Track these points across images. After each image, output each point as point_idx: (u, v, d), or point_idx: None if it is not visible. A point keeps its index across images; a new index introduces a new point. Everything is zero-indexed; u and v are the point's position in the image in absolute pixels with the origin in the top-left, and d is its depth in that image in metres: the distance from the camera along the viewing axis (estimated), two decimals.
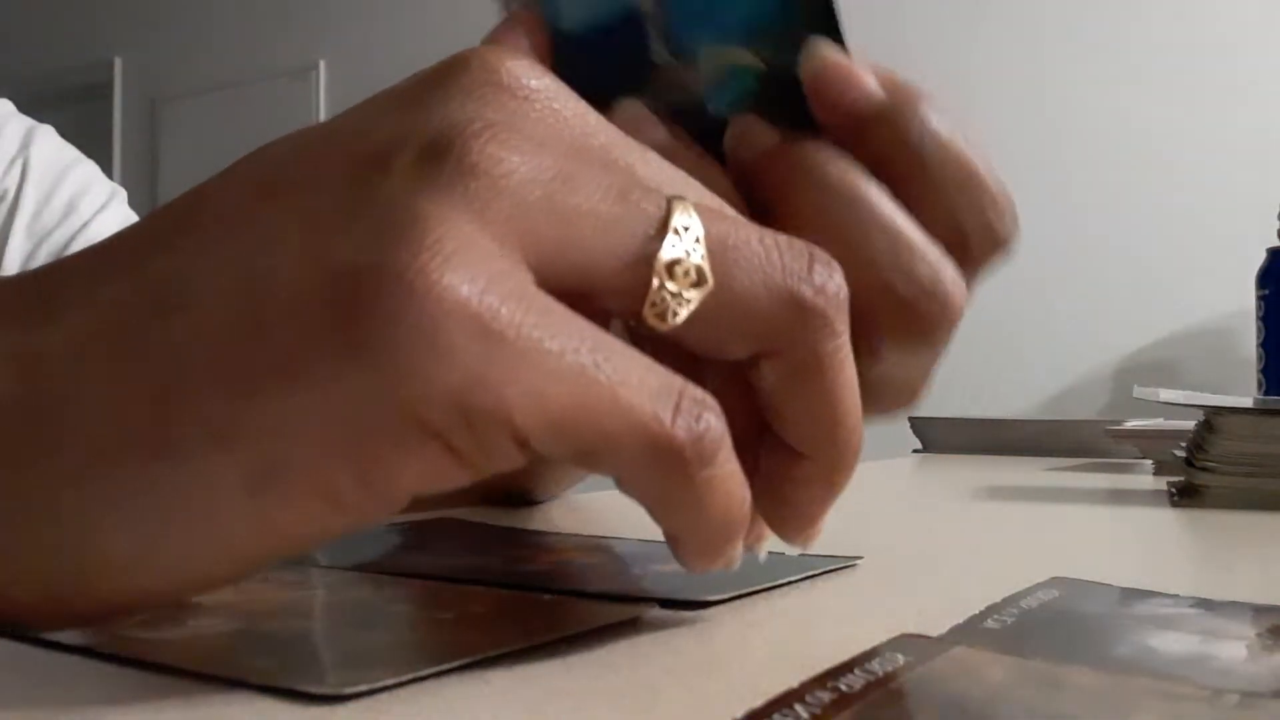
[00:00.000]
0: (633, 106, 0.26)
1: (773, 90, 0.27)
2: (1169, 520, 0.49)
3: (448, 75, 0.20)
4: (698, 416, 0.19)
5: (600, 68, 0.26)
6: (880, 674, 0.20)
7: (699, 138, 0.27)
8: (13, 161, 0.61)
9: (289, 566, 0.30)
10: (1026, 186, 2.35)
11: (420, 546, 0.37)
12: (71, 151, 0.65)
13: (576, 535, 0.37)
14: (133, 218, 0.63)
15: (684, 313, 0.19)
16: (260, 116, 3.54)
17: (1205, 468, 0.53)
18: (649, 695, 0.20)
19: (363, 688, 0.19)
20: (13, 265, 0.59)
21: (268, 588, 0.28)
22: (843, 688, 0.19)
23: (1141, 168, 2.21)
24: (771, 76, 0.27)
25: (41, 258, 0.59)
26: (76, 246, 0.59)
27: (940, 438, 0.99)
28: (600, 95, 0.25)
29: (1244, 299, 1.48)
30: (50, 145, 0.63)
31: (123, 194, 0.64)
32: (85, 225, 0.60)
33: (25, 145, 0.62)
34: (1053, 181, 2.28)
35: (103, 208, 0.62)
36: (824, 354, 0.21)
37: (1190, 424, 0.58)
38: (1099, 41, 2.27)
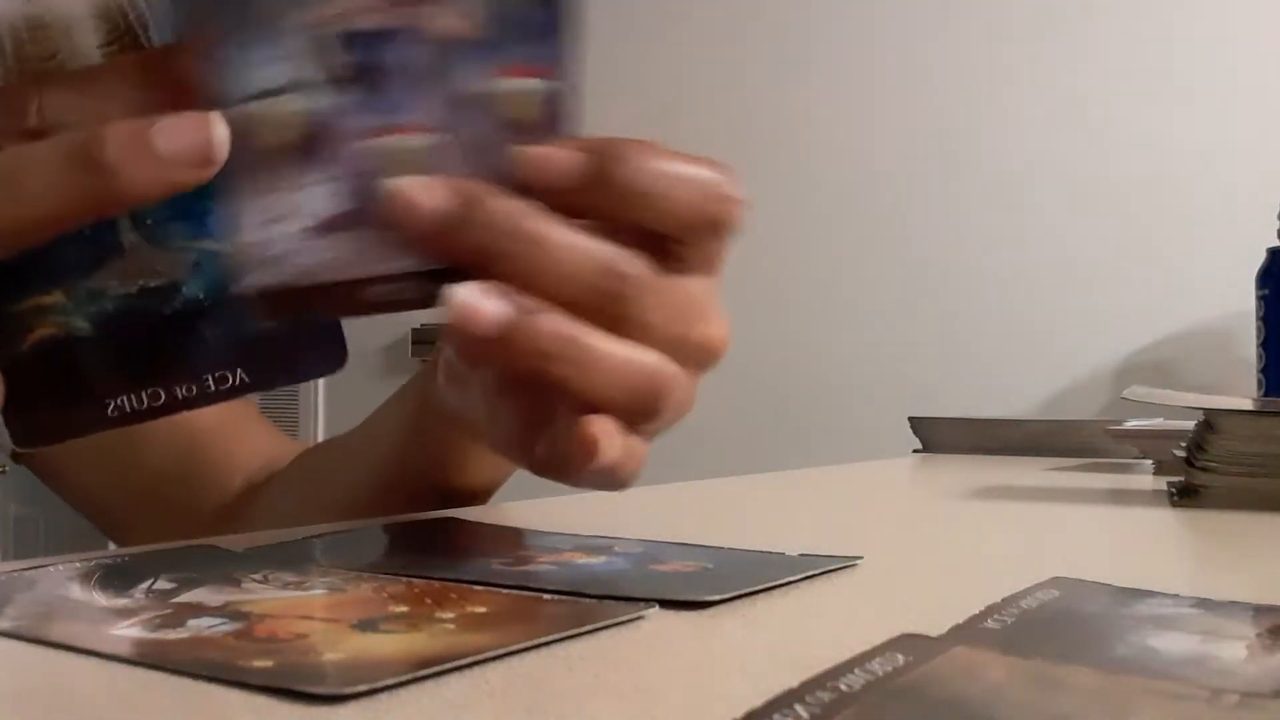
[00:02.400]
0: None
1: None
2: (1169, 520, 0.49)
3: None
4: None
5: (59, 244, 0.28)
6: (880, 674, 0.20)
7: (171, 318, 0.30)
8: None
9: (289, 567, 0.30)
10: (1026, 186, 2.33)
11: (421, 547, 0.37)
12: None
13: (577, 535, 0.37)
14: None
15: None
16: None
17: (1205, 468, 0.53)
18: (649, 695, 0.20)
19: (362, 688, 0.19)
20: None
21: (268, 588, 0.28)
22: (843, 688, 0.19)
23: (1141, 167, 2.21)
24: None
25: None
26: None
27: (940, 438, 0.99)
28: (64, 272, 0.29)
29: (1244, 299, 1.48)
30: None
31: None
32: None
33: None
34: (1052, 181, 2.28)
35: None
36: None
37: (1190, 424, 0.58)
38: (1099, 42, 2.27)
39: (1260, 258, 1.40)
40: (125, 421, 0.30)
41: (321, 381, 3.41)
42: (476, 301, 0.28)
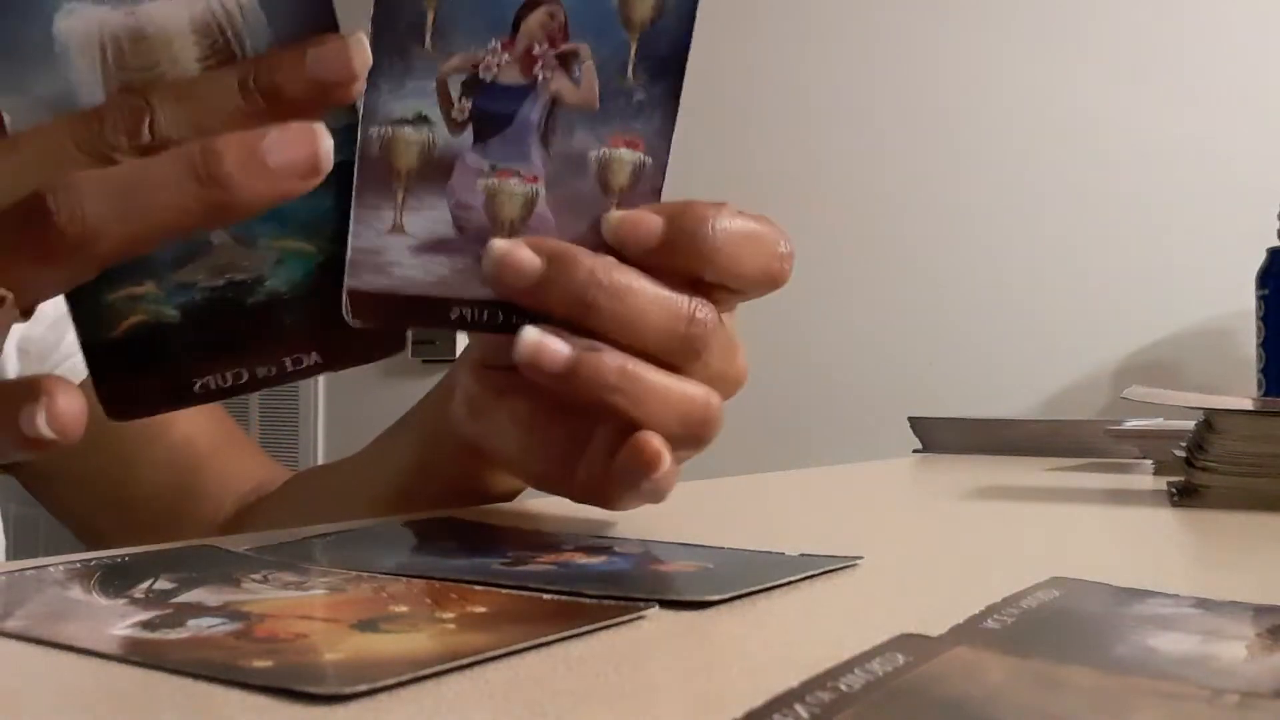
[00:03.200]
0: None
1: (329, 275, 0.33)
2: (1169, 520, 0.49)
3: None
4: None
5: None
6: (880, 674, 0.20)
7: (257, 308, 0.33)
8: None
9: (289, 567, 0.30)
10: (1027, 186, 2.33)
11: (421, 547, 0.37)
12: None
13: (577, 535, 0.37)
14: None
15: None
16: None
17: (1205, 468, 0.53)
18: (649, 695, 0.20)
19: (363, 687, 0.19)
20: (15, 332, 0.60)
21: (268, 588, 0.28)
22: (843, 688, 0.19)
23: (1141, 167, 2.21)
24: (327, 264, 0.33)
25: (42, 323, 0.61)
26: None
27: (940, 438, 0.99)
28: (155, 267, 0.31)
29: (1244, 299, 1.48)
30: None
31: None
32: None
33: None
34: (1052, 181, 2.28)
35: None
36: None
37: (1190, 424, 0.58)
38: (1099, 41, 2.27)
39: (1260, 258, 1.41)
40: (211, 398, 0.33)
41: (321, 382, 3.41)
42: (544, 341, 0.32)
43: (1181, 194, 2.16)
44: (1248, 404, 0.57)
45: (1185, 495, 0.53)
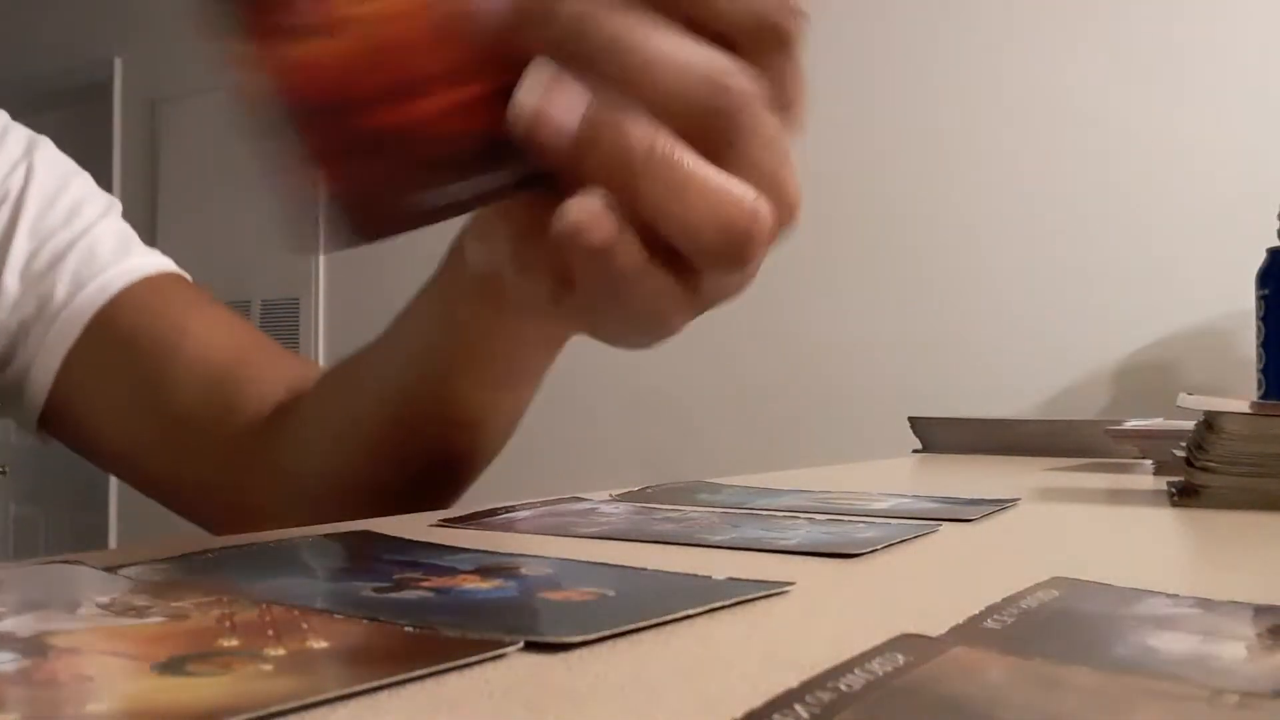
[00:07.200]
0: None
1: None
2: (1169, 520, 0.49)
3: None
4: None
5: None
6: (880, 674, 0.20)
7: None
8: (16, 165, 0.62)
9: (146, 590, 0.28)
10: (1027, 186, 2.33)
11: (305, 567, 0.34)
12: (70, 162, 0.66)
13: (492, 553, 0.34)
14: (127, 229, 0.64)
15: None
16: None
17: (1205, 468, 0.53)
18: (649, 695, 0.20)
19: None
20: (16, 264, 0.60)
21: (103, 615, 0.25)
22: (843, 688, 0.19)
23: (1141, 167, 2.21)
24: None
25: (43, 258, 0.60)
26: (77, 250, 0.60)
27: (940, 438, 0.99)
28: None
29: (1244, 299, 1.48)
30: (52, 153, 0.65)
31: (118, 206, 0.66)
32: (86, 230, 0.62)
33: (29, 151, 0.63)
34: (1053, 181, 2.28)
35: (102, 215, 0.63)
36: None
37: (1190, 424, 0.58)
38: (1100, 42, 2.27)
39: (1260, 258, 1.41)
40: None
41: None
42: (548, 100, 0.24)
43: (1182, 193, 2.16)
44: (1247, 405, 0.57)
45: (1185, 495, 0.53)
